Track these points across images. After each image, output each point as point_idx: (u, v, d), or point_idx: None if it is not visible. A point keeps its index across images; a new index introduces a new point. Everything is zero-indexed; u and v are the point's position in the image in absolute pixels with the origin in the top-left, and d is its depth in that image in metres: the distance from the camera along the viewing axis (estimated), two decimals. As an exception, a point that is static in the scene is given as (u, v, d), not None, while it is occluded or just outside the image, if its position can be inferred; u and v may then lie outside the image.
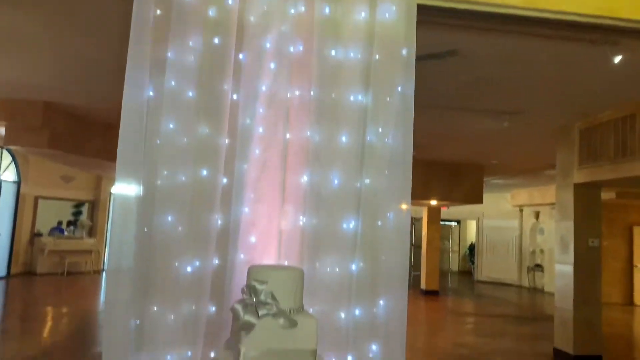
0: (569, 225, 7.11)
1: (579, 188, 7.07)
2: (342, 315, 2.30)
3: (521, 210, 17.21)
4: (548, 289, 14.90)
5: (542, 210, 16.19)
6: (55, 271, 13.85)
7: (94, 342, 7.19)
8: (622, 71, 4.66)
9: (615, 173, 6.30)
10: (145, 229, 2.19)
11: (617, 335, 9.27)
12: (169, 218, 2.19)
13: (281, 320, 1.56)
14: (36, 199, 14.14)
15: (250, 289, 1.60)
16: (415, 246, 19.57)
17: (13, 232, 13.29)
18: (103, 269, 15.71)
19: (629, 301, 13.32)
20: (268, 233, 2.29)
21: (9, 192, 13.03)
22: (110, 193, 16.19)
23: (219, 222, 2.28)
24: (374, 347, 2.31)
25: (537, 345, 8.11)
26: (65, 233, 14.97)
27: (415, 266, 18.61)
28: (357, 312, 2.32)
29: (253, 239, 2.27)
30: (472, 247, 20.08)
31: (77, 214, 16.02)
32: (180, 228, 2.21)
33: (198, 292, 2.22)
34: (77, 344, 6.98)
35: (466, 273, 20.48)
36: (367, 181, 2.38)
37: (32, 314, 9.11)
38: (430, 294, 13.76)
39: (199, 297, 2.22)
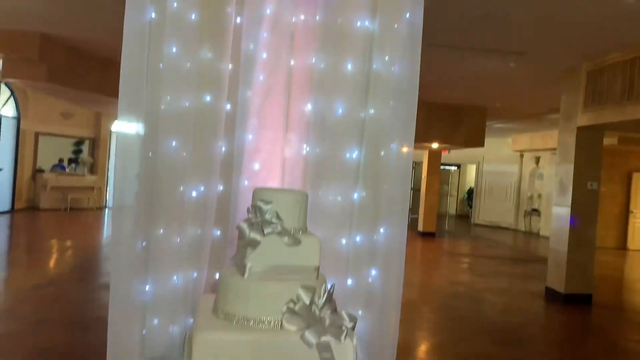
0: (569, 168, 7.15)
1: (581, 131, 7.04)
2: (343, 241, 2.36)
3: (521, 156, 17.23)
4: (543, 233, 15.18)
5: (542, 156, 16.21)
6: (58, 207, 14.04)
7: (99, 273, 7.39)
8: (632, 10, 4.53)
9: (621, 116, 6.26)
10: (150, 154, 2.19)
11: (608, 277, 9.53)
12: (173, 143, 2.19)
13: (285, 239, 1.60)
14: (36, 135, 14.11)
15: (255, 209, 1.62)
16: (415, 190, 19.74)
17: (15, 168, 13.36)
18: (105, 206, 15.93)
19: (623, 245, 13.60)
20: (271, 160, 2.31)
21: (8, 128, 12.99)
22: (110, 131, 16.15)
23: (223, 148, 2.29)
24: (373, 272, 2.38)
25: (529, 284, 8.36)
26: (67, 170, 15.06)
27: (413, 209, 18.85)
28: (357, 238, 2.38)
29: (257, 166, 2.29)
30: (470, 192, 20.27)
31: (78, 152, 16.04)
32: (184, 154, 2.22)
33: (203, 217, 2.26)
34: (83, 274, 7.19)
35: (464, 217, 20.78)
36: (372, 111, 2.37)
37: (37, 246, 9.33)
38: (427, 235, 14.03)
39: (204, 221, 2.26)
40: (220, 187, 2.29)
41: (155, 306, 2.19)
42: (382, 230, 2.40)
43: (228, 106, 2.28)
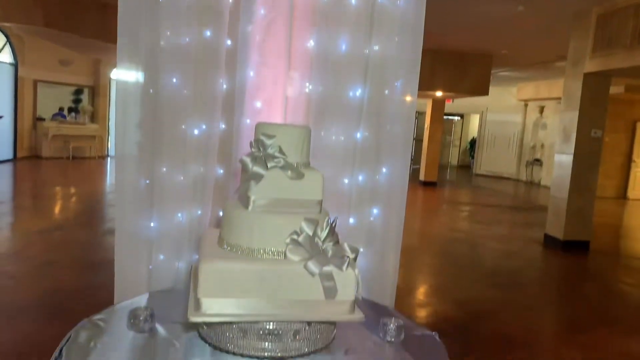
0: (574, 115, 7.08)
1: (588, 77, 6.92)
2: (346, 181, 2.37)
3: (526, 105, 17.05)
4: (544, 183, 15.24)
5: (547, 105, 16.03)
6: (60, 155, 14.07)
7: (104, 219, 7.49)
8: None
9: (629, 61, 6.14)
10: (151, 91, 2.17)
11: (607, 224, 9.63)
12: (174, 80, 2.16)
13: (289, 173, 1.60)
14: (35, 82, 13.95)
15: (258, 143, 1.62)
16: (417, 140, 19.65)
17: (15, 116, 13.29)
18: (107, 155, 15.95)
19: (623, 195, 13.67)
20: (273, 98, 2.28)
21: (6, 75, 12.83)
22: (110, 78, 15.93)
23: (224, 86, 2.26)
24: (375, 211, 2.40)
25: (529, 231, 8.47)
26: (67, 119, 14.98)
27: (415, 160, 18.86)
28: (360, 178, 2.38)
29: (258, 104, 2.26)
30: (473, 142, 20.19)
31: (77, 101, 15.91)
32: (185, 91, 2.19)
33: (205, 155, 2.26)
34: (88, 219, 7.28)
35: (466, 167, 20.80)
36: (376, 48, 2.31)
37: (41, 193, 9.41)
38: (428, 185, 14.10)
39: (207, 160, 2.26)
40: (222, 126, 2.28)
41: (160, 243, 2.23)
42: (384, 170, 2.40)
43: (229, 42, 2.23)
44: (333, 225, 1.59)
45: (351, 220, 2.37)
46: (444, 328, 3.90)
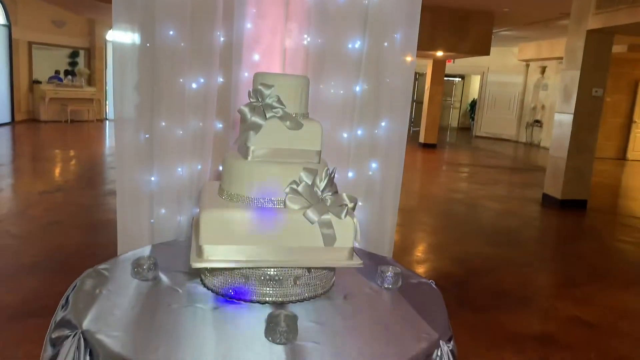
0: (575, 74, 7.01)
1: (591, 35, 6.82)
2: (345, 135, 2.37)
3: (527, 65, 16.84)
4: (544, 144, 15.20)
5: (548, 65, 15.83)
6: (58, 119, 13.99)
7: (104, 181, 7.52)
8: None
9: (633, 17, 6.03)
10: (148, 44, 2.15)
11: (605, 184, 9.68)
12: (171, 32, 2.13)
13: (287, 123, 1.60)
14: (30, 44, 13.73)
15: (256, 93, 1.61)
16: (417, 102, 19.49)
17: (11, 79, 13.14)
18: (106, 118, 15.86)
19: (623, 156, 13.68)
20: (271, 51, 2.25)
21: (0, 37, 12.62)
22: (105, 40, 15.67)
23: (222, 38, 2.23)
24: (373, 164, 2.42)
25: (527, 191, 8.52)
26: (64, 82, 14.82)
27: (415, 122, 18.75)
28: (359, 132, 2.39)
29: (256, 57, 2.24)
30: (473, 104, 20.04)
31: (73, 63, 15.69)
32: (182, 44, 2.17)
33: (204, 109, 2.25)
34: (89, 181, 7.31)
35: (466, 129, 20.71)
36: (375, -1, 2.27)
37: (41, 156, 9.41)
38: (427, 147, 14.07)
39: (205, 114, 2.26)
40: (220, 79, 2.26)
41: (161, 197, 2.25)
42: (383, 124, 2.40)
43: (225, -8, 2.19)
44: (332, 175, 1.60)
45: (350, 174, 2.39)
46: (442, 283, 3.96)
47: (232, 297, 1.56)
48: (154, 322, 1.40)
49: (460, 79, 21.08)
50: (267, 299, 1.55)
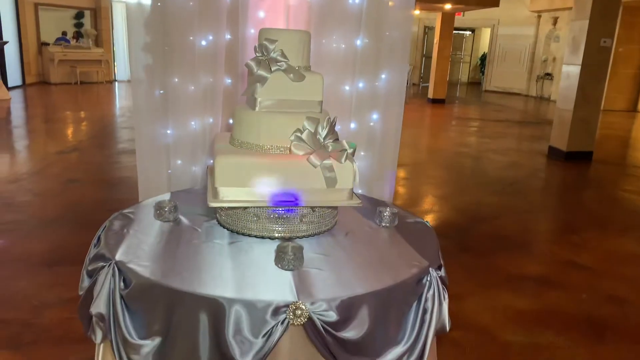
0: (584, 24, 6.95)
1: (600, -17, 6.73)
2: (347, 87, 2.50)
3: (539, 17, 16.50)
4: (554, 98, 15.09)
5: (560, 16, 15.50)
6: (68, 81, 14.13)
7: (117, 140, 7.72)
8: None
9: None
10: (159, 4, 2.26)
11: (613, 136, 9.71)
12: (179, -8, 2.24)
13: (291, 75, 1.74)
14: (36, 5, 13.72)
15: (262, 47, 1.74)
16: (426, 57, 19.25)
17: (20, 42, 13.20)
18: (115, 80, 15.94)
19: (633, 107, 13.57)
20: (276, 8, 2.36)
21: (6, -1, 12.63)
22: (111, 0, 15.56)
23: (228, -4, 2.34)
24: (374, 115, 2.55)
25: (534, 144, 8.59)
26: (71, 43, 14.84)
27: (425, 78, 18.60)
28: (360, 85, 2.51)
29: (262, 14, 2.35)
30: (484, 58, 19.77)
31: (79, 25, 15.66)
32: (191, 3, 2.28)
33: (213, 65, 2.39)
34: (102, 141, 7.52)
35: (476, 84, 20.51)
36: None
37: (54, 117, 9.61)
38: (436, 102, 14.05)
39: (215, 70, 2.40)
40: (228, 36, 2.38)
41: (177, 148, 2.43)
42: (383, 76, 2.53)
43: (230, -48, 2.28)
44: (333, 123, 1.75)
45: (352, 125, 2.53)
46: (444, 231, 4.18)
47: (245, 233, 1.75)
48: (177, 254, 1.59)
49: (470, 33, 20.71)
50: (277, 235, 1.74)
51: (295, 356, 1.44)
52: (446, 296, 1.66)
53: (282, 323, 1.33)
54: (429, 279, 1.60)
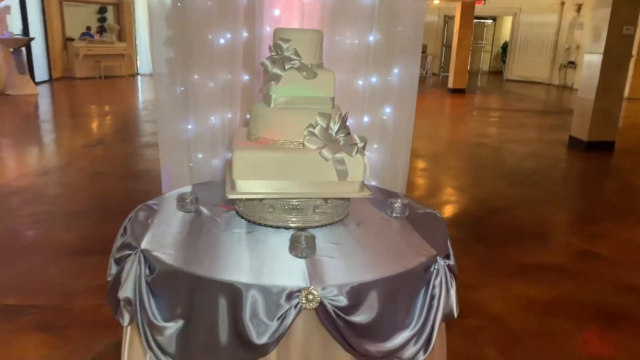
0: (606, 12, 6.85)
1: (623, -30, 6.62)
2: (360, 82, 2.57)
3: (562, 4, 16.18)
4: (577, 86, 14.84)
5: (584, 3, 15.18)
6: (93, 75, 14.43)
7: (141, 133, 7.92)
8: None
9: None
10: (179, 4, 2.36)
11: (636, 125, 9.53)
12: (198, -8, 2.34)
13: (304, 73, 1.82)
14: (61, 2, 14.02)
15: (276, 47, 1.83)
16: (447, 46, 19.09)
17: (46, 37, 13.53)
18: (137, 73, 16.22)
19: (658, 96, 13.28)
20: (291, 6, 2.44)
21: (32, -5, 12.94)
22: (133, -6, 15.81)
23: (245, -5, 2.43)
24: (387, 109, 2.62)
25: (555, 133, 8.51)
26: (95, 38, 15.14)
27: (445, 67, 18.44)
28: (373, 79, 2.58)
29: (277, 12, 2.43)
30: (505, 46, 19.49)
31: (102, 19, 15.95)
32: (209, 2, 2.37)
33: (231, 62, 2.48)
34: (127, 134, 7.72)
35: (498, 73, 20.25)
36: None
37: (80, 111, 9.87)
38: (456, 92, 13.94)
39: (233, 67, 2.49)
40: (245, 34, 2.47)
41: (197, 143, 2.53)
42: (395, 70, 2.58)
43: (247, -48, 2.36)
44: (344, 118, 1.83)
45: (365, 119, 2.61)
46: (460, 221, 4.23)
47: (262, 223, 1.85)
48: (199, 243, 1.70)
49: (491, 21, 20.44)
50: (291, 224, 1.83)
51: (308, 339, 1.54)
52: (454, 284, 1.73)
53: (296, 307, 1.43)
54: (436, 267, 1.67)
